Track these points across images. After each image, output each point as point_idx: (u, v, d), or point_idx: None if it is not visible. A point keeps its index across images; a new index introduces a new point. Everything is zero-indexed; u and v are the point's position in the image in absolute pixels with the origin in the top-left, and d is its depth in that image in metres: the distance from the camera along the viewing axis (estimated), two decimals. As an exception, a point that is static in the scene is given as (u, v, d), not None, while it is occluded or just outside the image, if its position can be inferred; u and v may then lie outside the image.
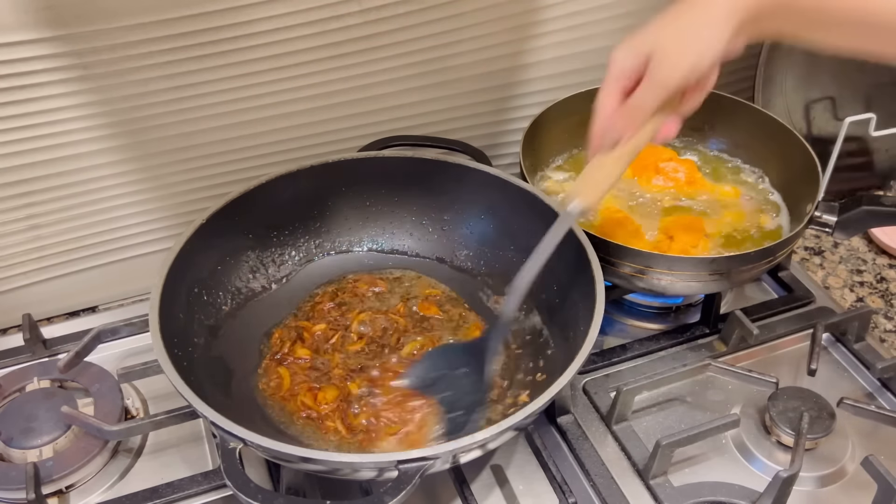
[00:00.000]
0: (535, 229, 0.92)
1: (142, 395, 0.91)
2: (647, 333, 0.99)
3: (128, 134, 0.93)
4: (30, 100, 0.86)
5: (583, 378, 0.92)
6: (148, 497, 0.80)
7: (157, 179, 0.99)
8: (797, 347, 0.97)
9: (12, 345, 0.96)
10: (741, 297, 1.04)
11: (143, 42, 0.87)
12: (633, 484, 0.82)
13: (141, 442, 0.87)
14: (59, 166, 0.92)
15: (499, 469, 0.85)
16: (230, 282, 0.90)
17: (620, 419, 0.87)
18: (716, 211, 1.00)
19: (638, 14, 1.10)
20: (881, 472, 0.76)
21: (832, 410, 0.85)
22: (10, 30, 0.81)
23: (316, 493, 0.81)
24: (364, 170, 0.96)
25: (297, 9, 0.91)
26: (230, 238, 0.90)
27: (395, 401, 0.82)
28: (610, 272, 0.88)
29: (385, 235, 1.00)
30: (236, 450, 0.67)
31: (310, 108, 1.00)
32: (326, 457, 0.67)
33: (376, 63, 1.00)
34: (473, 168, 0.94)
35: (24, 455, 0.82)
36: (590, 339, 0.75)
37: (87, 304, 1.05)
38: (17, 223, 0.95)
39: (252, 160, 1.02)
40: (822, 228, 0.91)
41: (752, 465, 0.84)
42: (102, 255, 1.02)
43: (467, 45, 1.03)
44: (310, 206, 0.96)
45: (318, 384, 0.84)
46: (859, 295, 1.08)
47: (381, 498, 0.64)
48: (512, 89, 1.11)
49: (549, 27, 1.06)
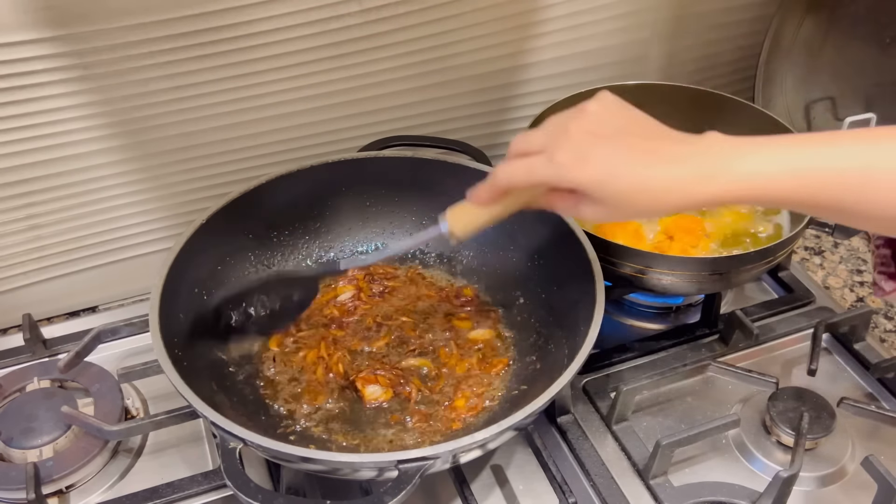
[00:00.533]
0: (535, 229, 0.92)
1: (142, 395, 0.91)
2: (647, 333, 0.99)
3: (128, 134, 0.93)
4: (30, 100, 0.86)
5: (583, 378, 0.92)
6: (148, 497, 0.80)
7: (157, 179, 0.99)
8: (797, 347, 0.97)
9: (12, 345, 0.96)
10: (741, 297, 1.04)
11: (143, 42, 0.87)
12: (633, 484, 0.82)
13: (141, 442, 0.87)
14: (59, 166, 0.92)
15: (499, 469, 0.85)
16: (230, 282, 0.90)
17: (620, 419, 0.87)
18: (716, 211, 1.00)
19: (638, 14, 1.10)
20: (881, 472, 0.76)
21: (832, 410, 0.85)
22: (10, 30, 0.81)
23: (316, 493, 0.81)
24: (364, 170, 0.96)
25: (297, 9, 0.91)
26: (230, 238, 0.90)
27: None
28: (610, 272, 0.88)
29: (385, 235, 1.00)
30: (236, 450, 0.67)
31: (310, 108, 1.00)
32: (326, 457, 0.67)
33: (376, 63, 1.00)
34: (473, 168, 0.94)
35: (24, 455, 0.82)
36: (590, 339, 0.75)
37: (87, 304, 1.05)
38: (17, 223, 0.95)
39: (252, 160, 1.02)
40: (822, 228, 0.91)
41: (752, 465, 0.84)
42: (102, 255, 1.02)
43: (467, 45, 1.03)
44: (310, 207, 0.96)
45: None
46: (859, 295, 1.08)
47: (381, 498, 0.64)
48: (512, 89, 1.11)
49: (549, 27, 1.06)
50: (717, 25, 1.17)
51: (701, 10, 1.15)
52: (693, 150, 0.61)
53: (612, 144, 0.61)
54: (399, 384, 0.85)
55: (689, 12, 1.14)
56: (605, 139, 0.62)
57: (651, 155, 0.61)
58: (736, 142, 0.61)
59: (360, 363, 0.87)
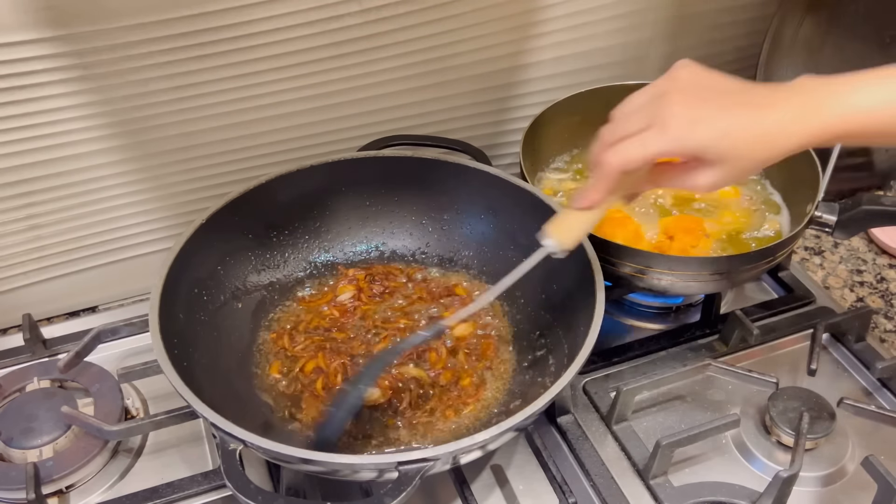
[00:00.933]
0: (535, 229, 0.92)
1: (142, 395, 0.91)
2: (647, 333, 0.99)
3: (128, 134, 0.93)
4: (30, 100, 0.86)
5: (583, 378, 0.92)
6: (148, 497, 0.80)
7: (157, 179, 0.99)
8: (797, 347, 0.97)
9: (12, 345, 0.96)
10: (741, 297, 1.04)
11: (143, 42, 0.86)
12: (633, 484, 0.82)
13: (141, 442, 0.87)
14: (59, 166, 0.92)
15: (499, 469, 0.85)
16: (230, 282, 0.90)
17: (620, 419, 0.87)
18: (716, 211, 1.00)
19: (638, 14, 1.10)
20: (881, 472, 0.76)
21: (832, 410, 0.85)
22: (10, 30, 0.81)
23: (316, 493, 0.81)
24: (364, 170, 0.96)
25: (297, 9, 0.91)
26: (230, 238, 0.90)
27: None
28: (610, 272, 0.88)
29: (385, 235, 1.00)
30: (236, 450, 0.67)
31: (310, 108, 1.00)
32: (326, 458, 0.67)
33: (376, 63, 1.00)
34: (473, 168, 0.94)
35: (24, 455, 0.82)
36: (590, 339, 0.75)
37: (87, 304, 1.05)
38: (17, 223, 0.95)
39: (252, 160, 1.02)
40: (822, 228, 0.91)
41: (752, 465, 0.84)
42: (102, 255, 1.02)
43: (467, 45, 1.03)
44: (310, 206, 0.96)
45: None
46: (859, 295, 1.08)
47: (382, 499, 0.64)
48: (512, 89, 1.11)
49: (549, 27, 1.06)
50: (717, 25, 1.17)
51: (701, 10, 1.15)
52: (788, 94, 0.63)
53: (716, 104, 0.63)
54: (397, 387, 0.84)
55: (689, 12, 1.14)
56: (706, 101, 0.63)
57: (751, 106, 0.63)
58: (827, 80, 0.63)
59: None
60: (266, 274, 0.94)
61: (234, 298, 0.91)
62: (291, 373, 0.86)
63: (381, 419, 0.82)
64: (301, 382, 0.85)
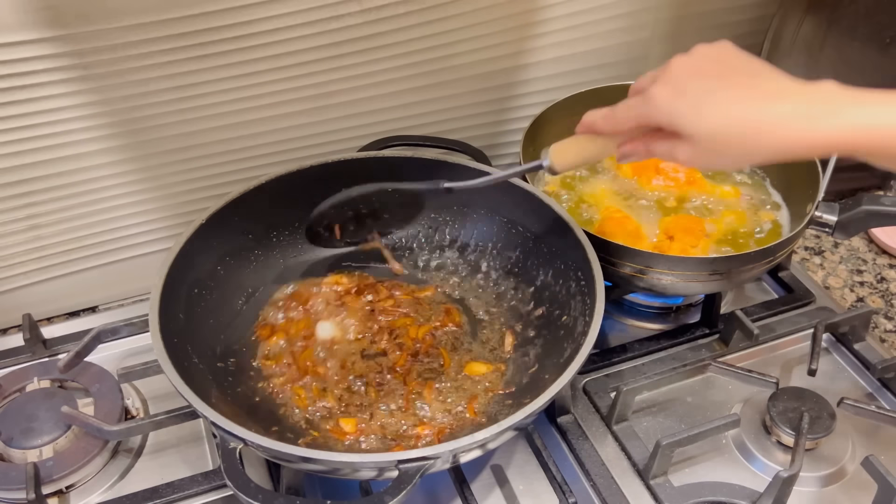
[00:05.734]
0: (536, 229, 0.92)
1: (142, 395, 0.91)
2: (647, 333, 0.99)
3: (128, 134, 0.93)
4: (30, 100, 0.86)
5: (583, 378, 0.92)
6: (148, 497, 0.80)
7: (157, 179, 0.99)
8: (797, 347, 0.97)
9: (12, 345, 0.96)
10: (741, 297, 1.04)
11: (143, 42, 0.87)
12: (633, 484, 0.82)
13: (141, 442, 0.87)
14: (59, 166, 0.92)
15: (499, 469, 0.85)
16: (230, 282, 0.90)
17: (620, 419, 0.87)
18: (716, 211, 1.00)
19: (638, 14, 1.10)
20: (881, 472, 0.76)
21: (832, 410, 0.85)
22: (10, 30, 0.81)
23: (316, 493, 0.81)
24: (364, 170, 0.96)
25: (297, 9, 0.91)
26: (230, 238, 0.90)
27: None
28: (610, 272, 0.88)
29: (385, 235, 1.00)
30: (236, 450, 0.67)
31: (310, 108, 1.00)
32: (326, 457, 0.67)
33: (376, 63, 1.00)
34: (473, 168, 0.94)
35: (24, 455, 0.82)
36: (590, 339, 0.75)
37: (87, 304, 1.05)
38: (17, 223, 0.95)
39: (252, 160, 1.02)
40: (822, 228, 0.91)
41: (753, 465, 0.84)
42: (102, 255, 1.02)
43: (467, 45, 1.03)
44: (310, 206, 0.96)
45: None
46: (859, 295, 1.08)
47: (382, 498, 0.64)
48: (512, 89, 1.11)
49: (549, 27, 1.06)
50: (717, 25, 1.17)
51: (701, 10, 1.15)
52: (801, 90, 0.58)
53: (712, 80, 0.59)
54: None
55: (689, 12, 1.14)
56: (705, 76, 0.59)
57: (751, 90, 0.58)
58: (852, 89, 0.57)
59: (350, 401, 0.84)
60: (266, 274, 0.94)
61: (233, 298, 0.91)
62: (291, 372, 0.86)
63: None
64: (300, 382, 0.85)
